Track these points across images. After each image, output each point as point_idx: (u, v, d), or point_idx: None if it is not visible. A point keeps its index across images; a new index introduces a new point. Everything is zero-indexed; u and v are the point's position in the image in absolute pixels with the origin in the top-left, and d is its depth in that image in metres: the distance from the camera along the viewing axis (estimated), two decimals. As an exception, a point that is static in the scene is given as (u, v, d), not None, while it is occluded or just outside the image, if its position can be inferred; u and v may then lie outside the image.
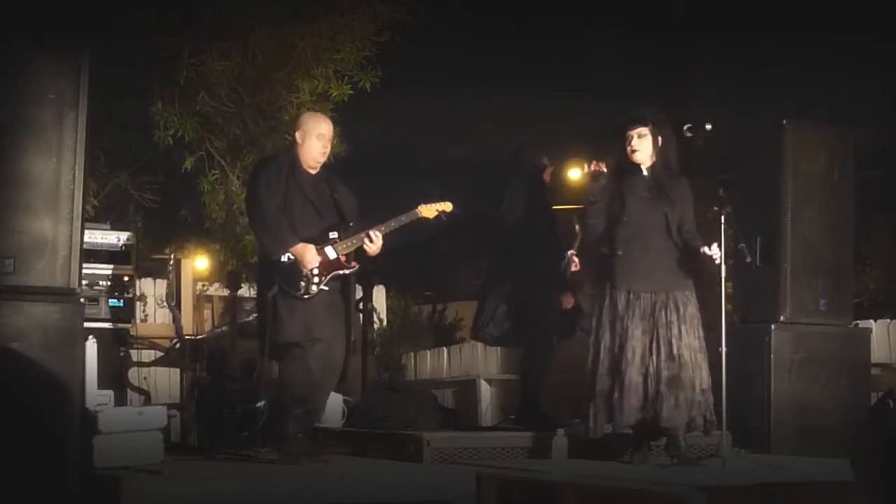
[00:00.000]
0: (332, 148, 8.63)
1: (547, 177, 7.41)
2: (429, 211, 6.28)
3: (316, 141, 6.17)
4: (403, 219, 6.24)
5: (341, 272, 6.11)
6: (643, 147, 6.24)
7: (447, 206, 6.33)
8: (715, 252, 6.00)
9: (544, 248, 7.23)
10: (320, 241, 6.07)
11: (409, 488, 5.38)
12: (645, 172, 6.28)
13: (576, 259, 7.14)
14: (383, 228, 6.15)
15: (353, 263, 6.16)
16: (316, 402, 6.19)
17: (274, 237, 6.02)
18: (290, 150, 6.26)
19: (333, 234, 6.11)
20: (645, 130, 6.25)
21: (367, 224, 6.21)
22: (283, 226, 6.02)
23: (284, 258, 5.98)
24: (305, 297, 5.98)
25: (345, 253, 6.11)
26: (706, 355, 6.15)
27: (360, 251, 6.18)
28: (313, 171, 6.22)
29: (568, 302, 7.29)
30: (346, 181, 6.43)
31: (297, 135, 6.20)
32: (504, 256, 7.40)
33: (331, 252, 6.07)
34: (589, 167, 6.34)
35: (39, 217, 5.36)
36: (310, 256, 5.98)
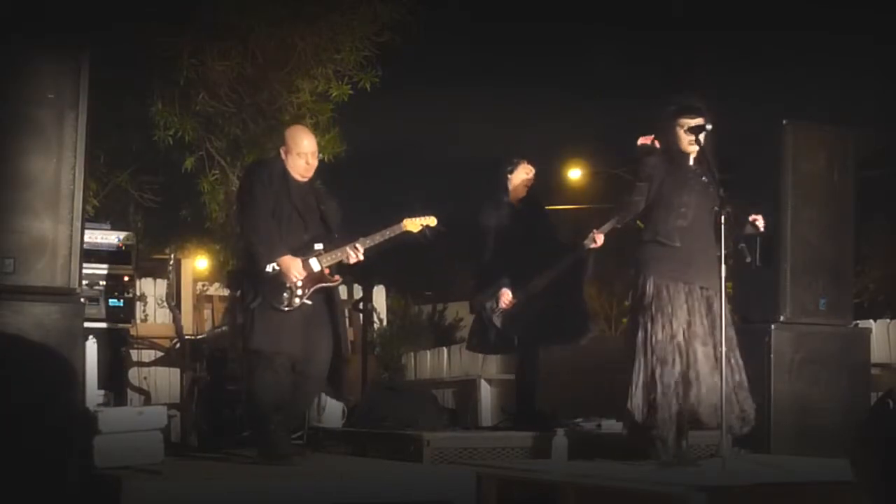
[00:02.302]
0: (332, 148, 8.72)
1: (521, 179, 7.35)
2: (413, 225, 6.30)
3: (298, 158, 6.13)
4: (388, 233, 6.25)
5: (324, 285, 6.09)
6: (702, 137, 6.13)
7: (431, 221, 6.34)
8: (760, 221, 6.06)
9: (504, 250, 7.22)
10: (305, 253, 6.06)
11: (409, 488, 5.38)
12: (691, 163, 6.18)
13: (598, 238, 6.96)
14: (367, 242, 6.16)
15: (337, 277, 6.14)
16: (298, 404, 6.23)
17: (266, 245, 5.98)
18: (281, 159, 6.20)
19: (319, 246, 6.09)
20: (702, 121, 6.14)
21: (352, 233, 6.20)
22: (275, 234, 6.00)
23: (269, 268, 5.96)
24: (287, 309, 5.96)
25: (328, 265, 6.10)
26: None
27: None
28: (302, 180, 6.20)
29: (505, 299, 7.16)
30: (332, 193, 6.40)
31: (282, 150, 6.17)
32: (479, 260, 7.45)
33: (315, 264, 6.06)
34: (646, 141, 6.23)
35: (39, 217, 5.36)
36: (296, 269, 5.96)
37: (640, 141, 6.28)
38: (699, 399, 6.05)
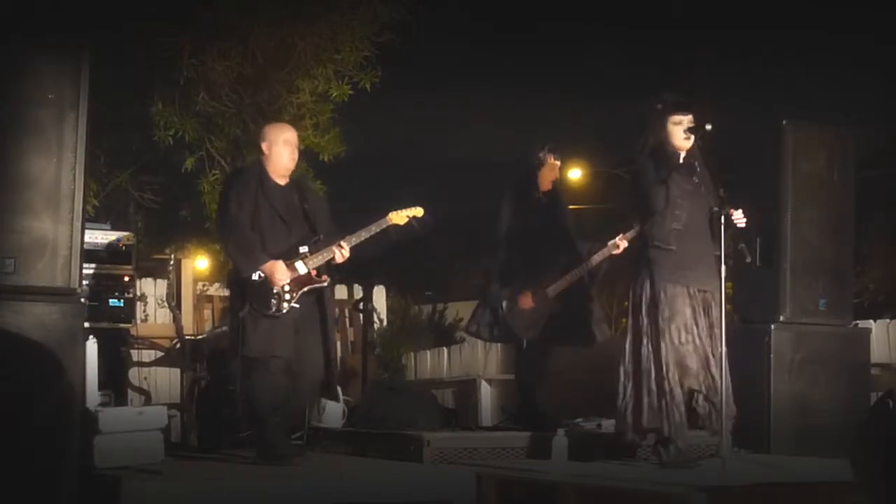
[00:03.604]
0: (332, 148, 8.73)
1: (548, 172, 7.34)
2: (399, 217, 6.27)
3: (283, 147, 6.11)
4: (374, 228, 6.23)
5: (312, 287, 6.08)
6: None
7: (418, 212, 6.33)
8: (738, 216, 6.00)
9: (527, 244, 7.21)
10: (290, 256, 6.04)
11: (409, 488, 5.38)
12: (682, 161, 6.15)
13: (622, 244, 7.05)
14: (353, 239, 6.15)
15: (325, 277, 6.12)
16: (295, 404, 6.28)
17: (245, 256, 5.98)
18: (258, 164, 6.19)
19: (303, 249, 6.08)
20: (692, 117, 6.10)
21: (344, 229, 6.19)
22: (254, 243, 5.98)
23: (255, 276, 5.95)
24: (277, 314, 5.96)
25: (315, 267, 6.08)
26: None
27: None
28: (283, 182, 6.18)
29: (525, 302, 7.22)
30: (321, 196, 6.38)
31: (264, 146, 6.14)
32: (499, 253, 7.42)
33: (301, 267, 6.04)
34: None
35: (39, 217, 5.35)
36: (280, 274, 5.94)
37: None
38: (700, 399, 6.06)
